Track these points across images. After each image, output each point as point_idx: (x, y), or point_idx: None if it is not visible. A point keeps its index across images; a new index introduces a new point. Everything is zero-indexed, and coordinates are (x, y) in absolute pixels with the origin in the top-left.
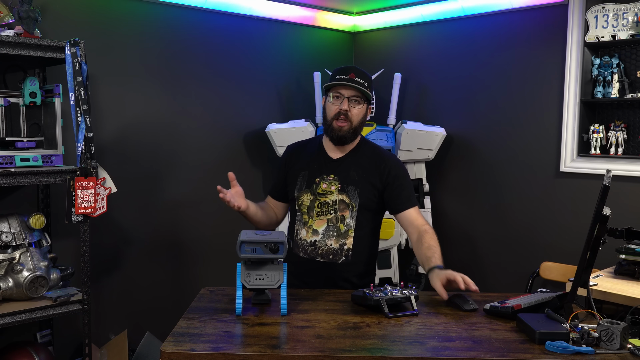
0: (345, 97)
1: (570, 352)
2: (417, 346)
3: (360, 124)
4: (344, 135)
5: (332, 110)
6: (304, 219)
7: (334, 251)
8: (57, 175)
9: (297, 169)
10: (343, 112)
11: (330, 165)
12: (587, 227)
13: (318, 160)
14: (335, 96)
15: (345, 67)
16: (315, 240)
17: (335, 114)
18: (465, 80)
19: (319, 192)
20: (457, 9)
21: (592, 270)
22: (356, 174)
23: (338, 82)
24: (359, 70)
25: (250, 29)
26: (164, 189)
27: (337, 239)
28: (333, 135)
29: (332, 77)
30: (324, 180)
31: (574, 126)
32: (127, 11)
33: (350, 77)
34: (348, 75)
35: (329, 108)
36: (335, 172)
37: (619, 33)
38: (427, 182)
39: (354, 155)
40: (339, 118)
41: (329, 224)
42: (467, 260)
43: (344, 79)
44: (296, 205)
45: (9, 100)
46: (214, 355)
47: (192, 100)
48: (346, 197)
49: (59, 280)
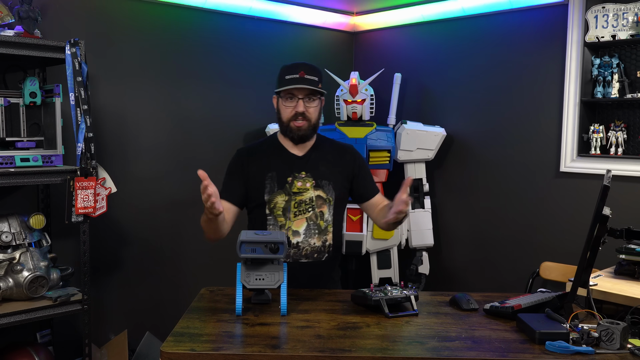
0: (300, 98)
1: (570, 352)
2: (417, 346)
3: (318, 119)
4: (304, 134)
5: (287, 112)
6: (279, 222)
7: (317, 249)
8: (57, 175)
9: (261, 171)
10: (300, 114)
11: (298, 162)
12: (587, 227)
13: (283, 159)
14: (288, 98)
15: (293, 65)
16: (297, 242)
17: (292, 116)
18: (465, 80)
19: (294, 191)
20: (457, 9)
21: (592, 270)
22: (326, 168)
23: (289, 83)
24: (307, 65)
25: (250, 29)
26: (164, 188)
27: (320, 237)
28: (293, 136)
29: (281, 76)
30: (297, 178)
31: (574, 126)
32: (127, 11)
33: (300, 75)
34: (298, 74)
35: (283, 110)
36: (306, 169)
37: (619, 33)
38: (427, 182)
39: (317, 150)
40: (297, 119)
41: (309, 222)
42: (467, 260)
43: (294, 80)
44: (267, 209)
45: (9, 100)
46: (214, 355)
47: (192, 100)
48: (322, 192)
49: (59, 280)
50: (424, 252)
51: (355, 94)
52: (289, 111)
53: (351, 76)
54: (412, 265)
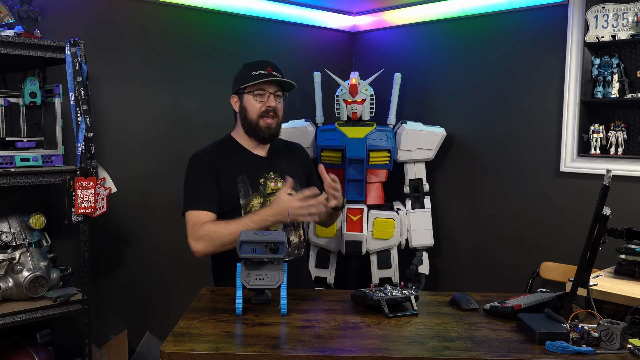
0: (271, 93)
1: (570, 352)
2: (417, 346)
3: (283, 119)
4: (274, 133)
5: (257, 108)
6: None
7: (297, 245)
8: (57, 175)
9: (230, 175)
10: (272, 109)
11: (264, 163)
12: (587, 227)
13: (249, 161)
14: (259, 93)
15: (259, 62)
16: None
17: (263, 111)
18: (465, 80)
19: (268, 192)
20: (457, 9)
21: (592, 270)
22: (288, 166)
23: (260, 78)
24: (272, 63)
25: (250, 29)
26: (164, 189)
27: (296, 233)
28: (264, 135)
29: (247, 73)
30: (269, 179)
31: (574, 126)
32: (127, 11)
33: (269, 71)
34: (266, 70)
35: (252, 106)
36: (273, 169)
37: (619, 33)
38: (427, 182)
39: (275, 149)
40: (267, 115)
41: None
42: (467, 260)
43: (264, 75)
44: (242, 212)
45: (9, 100)
46: (214, 355)
47: (192, 100)
48: (292, 190)
49: (59, 280)
50: (424, 252)
51: (355, 94)
52: (259, 107)
53: (351, 76)
54: (412, 265)
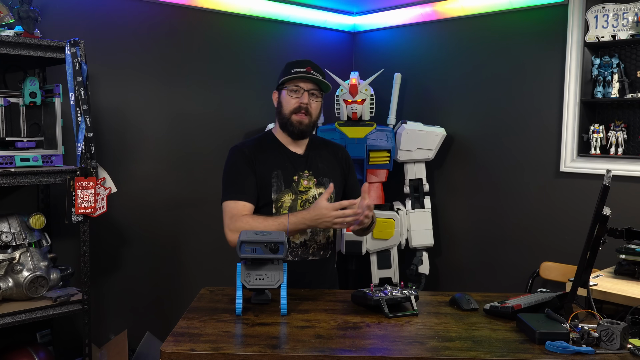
0: (305, 91)
1: (570, 352)
2: (417, 346)
3: (317, 118)
4: (304, 130)
5: (291, 104)
6: None
7: (323, 246)
8: (57, 175)
9: (266, 169)
10: (304, 107)
11: (300, 161)
12: (587, 227)
13: (285, 158)
14: (294, 90)
15: (300, 60)
16: (305, 240)
17: (295, 107)
18: (465, 80)
19: (300, 190)
20: (457, 9)
21: (592, 270)
22: (324, 165)
23: (296, 75)
24: (313, 63)
25: (250, 29)
26: (164, 189)
27: (324, 233)
28: (293, 130)
29: (287, 70)
30: (302, 177)
31: (574, 126)
32: (127, 11)
33: (307, 70)
34: (305, 69)
35: (286, 102)
36: (308, 168)
37: (619, 33)
38: (427, 182)
39: (313, 148)
40: (299, 112)
41: None
42: (467, 260)
43: (301, 72)
44: (273, 208)
45: (9, 100)
46: (214, 355)
47: (192, 100)
48: (323, 189)
49: (59, 280)
50: (424, 252)
51: (355, 94)
52: (293, 102)
53: (351, 76)
54: (412, 265)
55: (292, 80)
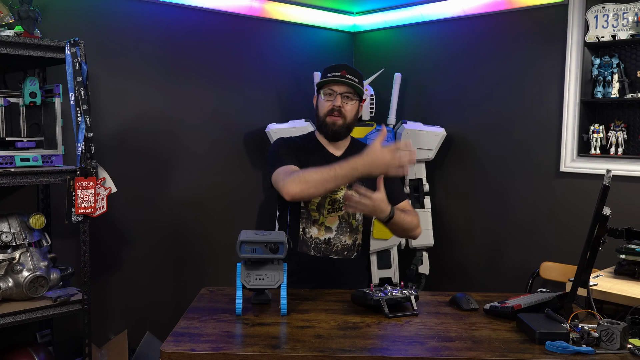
0: (338, 94)
1: (570, 352)
2: (417, 346)
3: (353, 120)
4: (338, 130)
5: (325, 107)
6: (313, 217)
7: (348, 247)
8: (57, 175)
9: (302, 165)
10: (337, 109)
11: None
12: (587, 227)
13: (322, 157)
14: (328, 93)
15: (337, 65)
16: (329, 238)
17: (329, 110)
18: (465, 80)
19: None
20: (457, 9)
21: (592, 270)
22: None
23: (330, 79)
24: (350, 67)
25: (250, 29)
26: (164, 189)
27: (350, 235)
28: (327, 131)
29: (324, 75)
30: None
31: (574, 126)
32: (127, 11)
33: (342, 74)
34: (340, 73)
35: (321, 105)
36: None
37: (619, 33)
38: (427, 182)
39: (353, 151)
40: (332, 114)
41: (342, 221)
42: (467, 260)
43: (335, 76)
44: (302, 203)
45: (9, 100)
46: (214, 355)
47: (192, 100)
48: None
49: (59, 280)
50: (424, 252)
51: None
52: (327, 105)
53: None
54: (412, 265)
55: (326, 84)
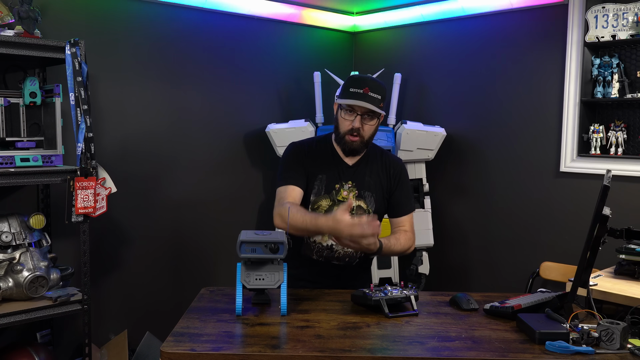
0: (358, 115)
1: (570, 352)
2: (417, 346)
3: (372, 137)
4: (356, 149)
5: (345, 125)
6: None
7: (350, 254)
8: (57, 175)
9: (314, 171)
10: (356, 129)
11: (347, 171)
12: (587, 227)
13: (334, 165)
14: (348, 111)
15: (360, 79)
16: (332, 244)
17: (348, 130)
18: (465, 80)
19: (339, 198)
20: (457, 9)
21: (592, 270)
22: (371, 179)
23: (352, 97)
24: (374, 82)
25: (250, 29)
26: (164, 189)
27: None
28: (345, 148)
29: (346, 86)
30: (343, 187)
31: (574, 126)
32: (127, 11)
33: (365, 91)
34: (362, 90)
35: (341, 122)
36: (353, 179)
37: (619, 33)
38: (427, 182)
39: (366, 161)
40: (352, 134)
41: None
42: (466, 261)
43: (358, 95)
44: (310, 209)
45: (9, 100)
46: (214, 355)
47: (192, 100)
48: (363, 203)
49: (59, 280)
50: (424, 252)
51: None
52: (346, 124)
53: None
54: (412, 265)
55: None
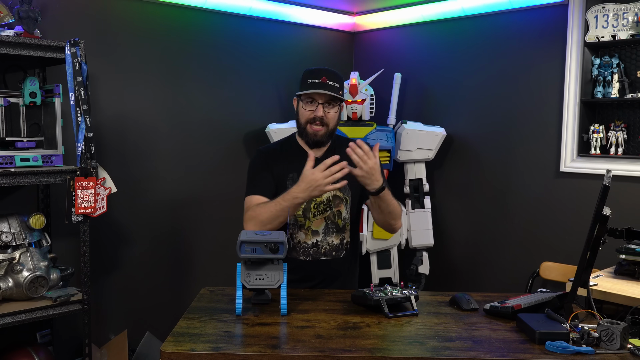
0: (320, 103)
1: (570, 352)
2: (417, 346)
3: (336, 125)
4: (320, 140)
5: (306, 115)
6: (299, 222)
7: (336, 247)
8: (57, 175)
9: (283, 172)
10: (318, 118)
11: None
12: (587, 227)
13: (303, 161)
14: (309, 101)
15: (316, 70)
16: (317, 241)
17: (310, 119)
18: (465, 80)
19: None
20: (457, 9)
21: (592, 270)
22: None
23: (311, 87)
24: (329, 71)
25: (250, 29)
26: (164, 189)
27: (338, 235)
28: (309, 139)
29: (304, 80)
30: None
31: (574, 126)
32: (127, 11)
33: (323, 80)
34: (320, 80)
35: (302, 113)
36: None
37: (619, 33)
38: (427, 182)
39: (332, 150)
40: (314, 123)
41: (327, 222)
42: (467, 260)
43: (316, 84)
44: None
45: (9, 100)
46: (214, 355)
47: (192, 100)
48: (339, 192)
49: (59, 280)
50: (424, 252)
51: (355, 94)
52: (307, 114)
53: (351, 76)
54: (412, 265)
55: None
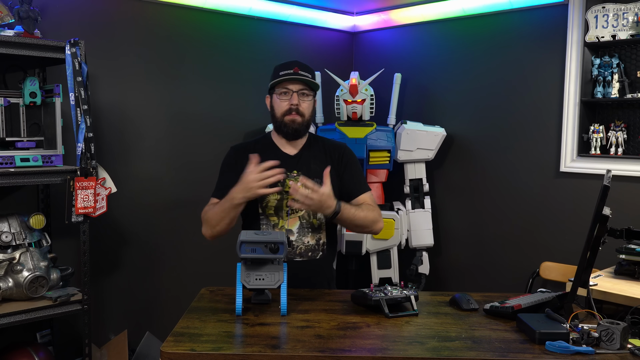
0: (294, 92)
1: (570, 352)
2: (417, 346)
3: (311, 116)
4: (298, 129)
5: (282, 107)
6: (272, 221)
7: (311, 247)
8: (57, 175)
9: None
10: (294, 108)
11: (290, 161)
12: (587, 227)
13: (277, 159)
14: (283, 92)
15: (287, 63)
16: (291, 241)
17: (286, 110)
18: (465, 80)
19: (286, 190)
20: (457, 9)
21: (592, 270)
22: (316, 166)
23: (284, 77)
24: (301, 63)
25: (250, 29)
26: (164, 189)
27: (313, 235)
28: (287, 130)
29: (275, 74)
30: (290, 177)
31: (574, 126)
32: (127, 11)
33: (295, 71)
34: (292, 70)
35: (277, 105)
36: (297, 168)
37: (619, 33)
38: (427, 182)
39: (309, 148)
40: (290, 113)
41: (302, 221)
42: (467, 260)
43: (289, 74)
44: (259, 207)
45: (9, 100)
46: (214, 355)
47: (192, 100)
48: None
49: (59, 280)
50: (424, 252)
51: (355, 94)
52: (284, 105)
53: (351, 76)
54: (412, 265)
55: (280, 83)
